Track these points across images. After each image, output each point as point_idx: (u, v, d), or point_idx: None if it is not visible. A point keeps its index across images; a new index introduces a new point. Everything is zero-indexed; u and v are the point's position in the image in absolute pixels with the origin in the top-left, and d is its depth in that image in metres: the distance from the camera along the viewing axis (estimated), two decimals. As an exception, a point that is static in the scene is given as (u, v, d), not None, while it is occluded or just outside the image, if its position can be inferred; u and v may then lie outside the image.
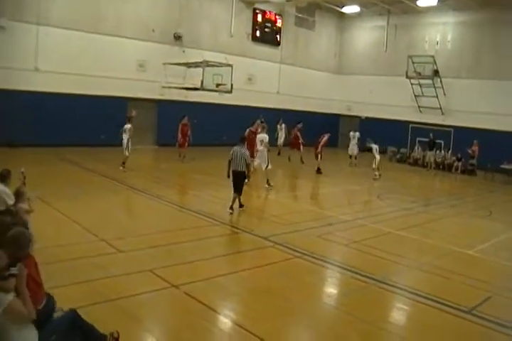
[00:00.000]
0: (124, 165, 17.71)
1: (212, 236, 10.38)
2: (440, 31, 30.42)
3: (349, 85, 35.14)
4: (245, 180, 12.94)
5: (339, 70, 36.68)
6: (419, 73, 29.43)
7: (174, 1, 26.08)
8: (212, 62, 21.26)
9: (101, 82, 22.97)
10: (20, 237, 4.75)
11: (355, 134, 26.00)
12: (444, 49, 30.00)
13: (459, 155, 26.84)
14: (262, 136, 17.31)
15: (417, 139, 29.55)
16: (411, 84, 30.34)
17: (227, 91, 21.92)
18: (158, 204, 13.14)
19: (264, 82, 30.90)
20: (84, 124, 22.58)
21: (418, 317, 7.19)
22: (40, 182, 12.28)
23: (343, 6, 32.50)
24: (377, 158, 21.28)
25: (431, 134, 27.77)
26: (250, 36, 30.41)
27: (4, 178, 7.99)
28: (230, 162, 12.76)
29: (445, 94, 29.33)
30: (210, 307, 6.76)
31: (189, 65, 22.65)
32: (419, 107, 30.66)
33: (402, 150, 30.71)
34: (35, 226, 5.61)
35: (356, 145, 25.60)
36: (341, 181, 20.82)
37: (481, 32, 28.49)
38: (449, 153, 27.98)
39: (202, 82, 20.60)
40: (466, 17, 29.09)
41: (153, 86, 24.21)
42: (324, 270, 8.98)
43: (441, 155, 27.93)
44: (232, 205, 12.74)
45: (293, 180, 19.21)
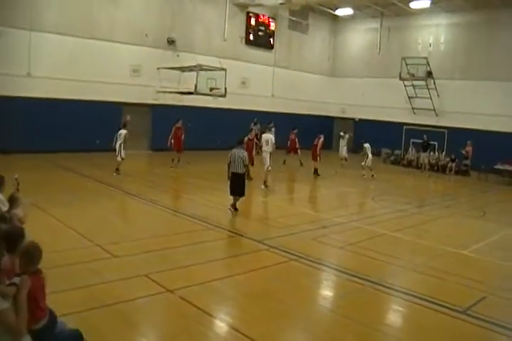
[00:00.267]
0: (117, 171, 17.72)
1: (207, 240, 10.37)
2: (433, 33, 30.59)
3: (343, 88, 35.27)
4: (245, 181, 12.93)
5: (333, 73, 36.80)
6: (413, 75, 29.56)
7: (167, 5, 26.12)
8: (206, 66, 21.28)
9: (95, 87, 22.95)
10: (34, 251, 4.69)
11: (345, 135, 26.08)
12: (437, 50, 30.17)
13: (453, 156, 26.93)
14: (268, 136, 17.50)
15: (411, 141, 29.62)
16: (404, 86, 30.46)
17: (221, 95, 21.95)
18: (153, 208, 13.13)
19: (258, 85, 30.95)
20: (78, 130, 22.55)
21: (414, 318, 7.21)
22: (34, 188, 12.28)
23: (337, 8, 32.59)
24: (369, 157, 21.48)
25: (425, 136, 27.85)
26: (244, 40, 30.44)
27: (-2, 185, 7.97)
28: (229, 165, 12.84)
29: (439, 96, 29.47)
30: (205, 311, 6.75)
31: (183, 69, 22.68)
32: (413, 109, 30.79)
33: (396, 151, 30.79)
34: (30, 232, 5.60)
35: (346, 147, 25.65)
36: (335, 183, 20.86)
37: (473, 33, 28.67)
38: (443, 154, 28.06)
39: (196, 86, 20.61)
40: (459, 19, 29.29)
41: (147, 90, 24.22)
42: (320, 272, 8.99)
43: (435, 157, 28.01)
44: (236, 207, 12.86)
45: (288, 182, 19.25)
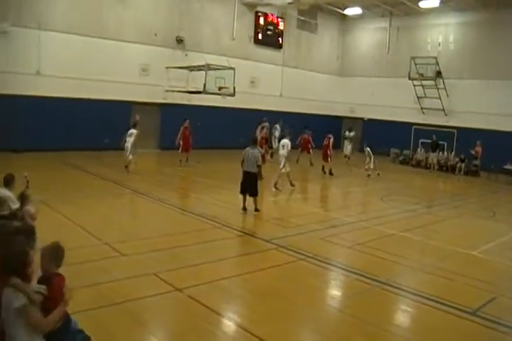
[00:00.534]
0: (127, 168, 17.85)
1: (215, 239, 10.37)
2: (442, 32, 30.44)
3: (352, 87, 35.21)
4: (257, 181, 12.93)
5: (342, 72, 36.74)
6: (422, 74, 29.48)
7: (176, 4, 26.14)
8: (215, 66, 21.26)
9: (104, 86, 23.04)
10: (59, 251, 4.68)
11: (350, 134, 26.01)
12: (446, 50, 30.01)
13: (462, 156, 26.78)
14: (285, 141, 17.67)
15: (420, 141, 29.42)
16: (413, 86, 30.37)
17: (230, 95, 21.92)
18: (161, 207, 13.15)
19: (266, 84, 30.94)
20: (87, 128, 22.65)
21: (422, 318, 7.17)
22: (43, 186, 12.34)
23: (345, 8, 32.56)
24: (372, 160, 21.59)
25: (434, 136, 27.71)
26: (252, 39, 30.45)
27: (8, 183, 8.04)
28: (242, 163, 12.93)
29: (448, 95, 29.33)
30: (213, 310, 6.76)
31: (191, 68, 22.66)
32: (422, 109, 30.69)
33: (405, 151, 30.60)
34: (39, 230, 5.62)
35: (350, 146, 25.60)
36: (344, 183, 20.85)
37: (483, 32, 28.52)
38: (452, 154, 27.88)
39: (204, 86, 20.59)
40: (468, 17, 29.16)
41: (155, 90, 24.23)
42: (328, 272, 8.97)
43: (444, 157, 27.87)
44: (245, 206, 12.88)
45: (297, 182, 19.10)
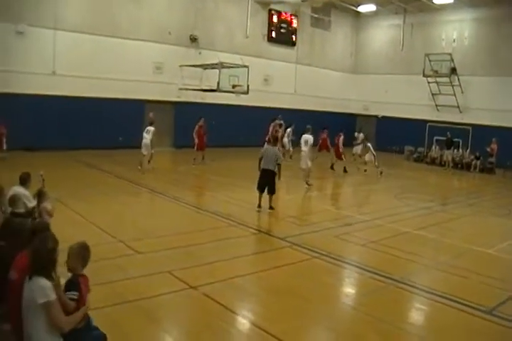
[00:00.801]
0: (149, 164, 18.30)
1: (230, 237, 10.40)
2: (457, 28, 30.16)
3: (365, 85, 35.07)
4: (275, 179, 12.95)
5: (355, 70, 36.60)
6: (436, 71, 29.27)
7: (190, 3, 26.21)
8: (228, 64, 21.30)
9: (118, 84, 23.18)
10: (86, 252, 4.74)
11: (360, 135, 25.91)
12: (461, 46, 29.74)
13: (478, 153, 26.55)
14: (307, 136, 17.74)
15: (435, 138, 29.22)
16: (428, 83, 30.16)
17: (244, 92, 21.95)
18: (176, 205, 13.21)
19: (280, 82, 30.91)
20: (101, 127, 22.83)
21: (437, 317, 7.13)
22: (57, 184, 12.40)
23: (359, 5, 32.48)
24: (374, 155, 21.59)
25: (448, 133, 27.53)
26: (266, 37, 30.46)
27: (24, 181, 8.15)
28: (260, 159, 12.95)
29: (463, 92, 29.11)
30: (228, 308, 6.78)
31: (205, 66, 22.73)
32: (437, 106, 30.48)
33: (419, 149, 30.40)
34: (54, 228, 5.68)
35: (360, 146, 25.48)
36: (356, 181, 20.79)
37: (498, 28, 28.23)
38: (467, 151, 27.66)
39: (218, 84, 20.65)
40: (483, 13, 28.87)
41: (169, 88, 24.34)
42: (342, 270, 8.97)
43: (459, 154, 27.65)
44: (260, 204, 12.87)
45: (312, 180, 19.08)
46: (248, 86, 21.67)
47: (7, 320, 4.59)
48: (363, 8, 32.88)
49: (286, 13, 31.17)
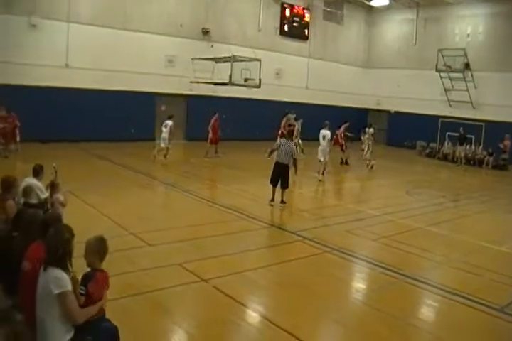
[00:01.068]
0: (165, 157, 18.55)
1: (241, 230, 10.41)
2: (471, 23, 29.82)
3: (378, 79, 34.78)
4: (289, 173, 12.95)
5: (368, 64, 36.37)
6: (450, 67, 28.97)
7: (201, -4, 26.15)
8: (241, 57, 21.25)
9: (129, 77, 23.21)
10: (104, 246, 4.73)
11: (370, 130, 25.58)
12: (475, 41, 29.40)
13: (490, 150, 26.35)
14: (325, 131, 17.90)
15: (447, 134, 28.96)
16: (441, 78, 29.86)
17: (256, 86, 21.92)
18: (188, 198, 13.21)
19: (292, 76, 30.81)
20: (113, 119, 22.83)
21: (448, 313, 7.10)
22: (70, 176, 12.42)
23: (372, -1, 32.24)
24: (369, 146, 21.53)
25: (461, 129, 27.32)
26: (278, 31, 30.35)
27: (37, 173, 8.20)
28: (273, 150, 13.09)
29: (476, 88, 28.80)
30: (238, 301, 6.79)
31: (217, 59, 22.70)
32: (450, 101, 30.21)
33: (431, 144, 30.19)
34: (66, 219, 5.70)
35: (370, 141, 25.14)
36: (370, 175, 20.72)
37: (513, 23, 27.88)
38: (480, 147, 27.42)
39: (230, 77, 20.62)
40: (498, 8, 28.44)
41: (181, 81, 24.32)
42: (353, 265, 8.94)
43: (471, 150, 27.44)
44: (273, 198, 12.84)
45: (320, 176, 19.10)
46: (260, 79, 21.63)
47: (20, 310, 4.62)
48: (376, 2, 32.63)
49: (298, 6, 31.04)
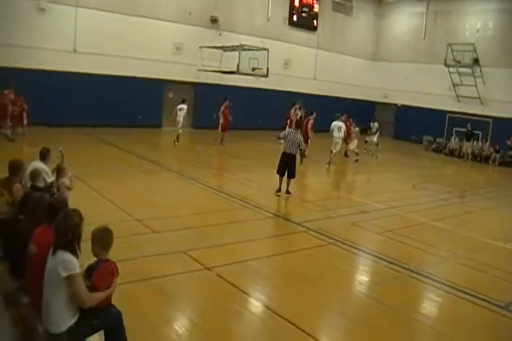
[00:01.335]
0: (177, 140, 18.96)
1: (246, 219, 10.40)
2: (481, 19, 29.48)
3: (386, 72, 34.51)
4: (295, 163, 12.93)
5: (376, 57, 36.10)
6: (459, 61, 28.72)
7: (211, -16, 25.94)
8: (249, 46, 21.11)
9: (137, 63, 23.06)
10: (109, 236, 4.71)
11: (374, 124, 25.23)
12: (484, 37, 29.09)
13: (498, 146, 26.20)
14: (339, 123, 18.10)
15: (454, 129, 28.79)
16: (449, 73, 29.60)
17: (263, 75, 21.81)
18: (193, 186, 13.19)
19: (300, 67, 30.61)
20: (120, 105, 22.71)
21: (451, 309, 7.09)
22: (75, 160, 12.37)
23: (382, -9, 31.98)
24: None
25: (469, 124, 27.16)
26: (287, 21, 30.09)
27: (44, 157, 8.18)
28: (280, 137, 13.12)
29: (484, 84, 28.57)
30: (242, 289, 6.79)
31: (225, 48, 22.57)
32: (458, 96, 29.98)
33: (438, 139, 30.03)
34: (72, 204, 5.67)
35: (376, 135, 24.70)
36: (376, 169, 20.67)
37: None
38: (487, 144, 27.28)
39: (238, 66, 20.51)
40: (509, 4, 28.08)
41: (189, 69, 24.17)
42: (357, 257, 8.91)
43: (478, 147, 27.30)
44: (280, 188, 12.81)
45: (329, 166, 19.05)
46: (268, 69, 21.50)
47: (26, 293, 4.61)
48: (386, -5, 32.41)
49: (308, -3, 30.77)
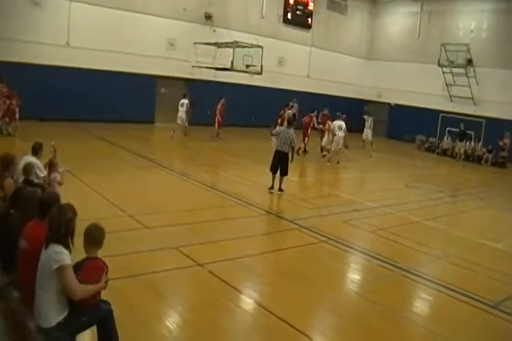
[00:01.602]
0: (186, 135, 19.71)
1: (238, 216, 10.38)
2: (475, 19, 29.51)
3: (380, 71, 34.54)
4: (288, 161, 12.85)
5: (370, 56, 36.11)
6: (452, 62, 28.78)
7: (206, -20, 25.83)
8: (243, 43, 21.07)
9: (130, 59, 22.93)
10: (97, 233, 4.66)
11: (370, 118, 24.97)
12: (478, 37, 29.12)
13: (490, 147, 26.28)
14: (340, 122, 18.21)
15: (447, 129, 28.86)
16: (443, 73, 29.67)
17: (257, 73, 21.76)
18: (185, 182, 13.15)
19: (294, 65, 30.57)
20: (112, 100, 22.64)
21: (442, 308, 7.10)
22: (68, 156, 12.29)
23: (377, -10, 31.98)
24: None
25: (462, 124, 27.25)
26: (281, 18, 30.01)
27: (36, 151, 8.13)
28: (273, 134, 13.29)
29: (478, 84, 28.65)
30: (233, 286, 6.76)
31: (219, 45, 22.51)
32: (451, 96, 30.07)
33: (430, 139, 30.08)
34: (64, 199, 5.62)
35: (370, 130, 24.61)
36: (368, 167, 20.65)
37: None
38: (480, 144, 27.33)
39: (232, 63, 20.46)
40: (503, 5, 28.13)
41: (182, 65, 24.10)
42: (349, 256, 8.90)
43: (471, 147, 27.37)
44: (273, 185, 12.81)
45: (323, 164, 19.00)
46: (262, 66, 21.46)
47: (16, 288, 4.56)
48: (381, -6, 32.41)
49: (302, -6, 30.72)
